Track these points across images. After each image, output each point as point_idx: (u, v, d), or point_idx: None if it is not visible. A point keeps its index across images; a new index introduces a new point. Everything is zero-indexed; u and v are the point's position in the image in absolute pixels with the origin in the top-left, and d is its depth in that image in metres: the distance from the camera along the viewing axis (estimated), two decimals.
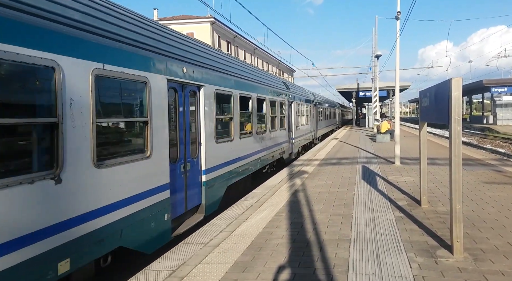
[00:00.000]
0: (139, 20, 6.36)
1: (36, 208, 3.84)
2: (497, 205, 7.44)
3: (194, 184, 7.59)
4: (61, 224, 4.12)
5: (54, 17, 4.26)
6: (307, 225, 6.43)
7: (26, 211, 3.74)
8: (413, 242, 5.44)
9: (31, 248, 3.78)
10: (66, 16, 4.47)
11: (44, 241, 3.92)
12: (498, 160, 14.37)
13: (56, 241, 4.05)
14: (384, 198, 8.24)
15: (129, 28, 5.78)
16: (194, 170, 7.56)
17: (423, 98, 6.98)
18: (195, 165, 7.65)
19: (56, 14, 4.32)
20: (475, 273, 4.39)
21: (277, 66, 75.74)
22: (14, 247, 3.62)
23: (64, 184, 4.19)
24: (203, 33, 45.55)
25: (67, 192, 4.23)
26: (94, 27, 4.87)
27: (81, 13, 4.78)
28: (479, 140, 35.08)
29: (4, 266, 3.52)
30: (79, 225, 4.39)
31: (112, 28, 5.27)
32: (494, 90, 56.97)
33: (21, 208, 3.70)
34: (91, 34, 4.76)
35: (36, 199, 3.84)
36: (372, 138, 26.10)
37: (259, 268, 4.68)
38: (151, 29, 6.58)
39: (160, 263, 4.95)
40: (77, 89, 4.41)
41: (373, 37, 34.03)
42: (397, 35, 15.22)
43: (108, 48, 5.00)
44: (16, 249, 3.64)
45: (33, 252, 3.80)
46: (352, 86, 48.29)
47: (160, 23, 7.54)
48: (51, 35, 4.12)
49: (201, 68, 7.94)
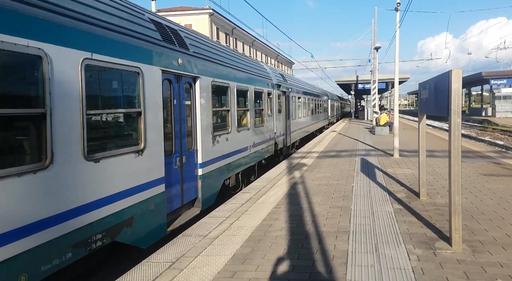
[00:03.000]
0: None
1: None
2: (496, 197, 7.46)
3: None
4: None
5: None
6: (306, 217, 6.44)
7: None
8: (411, 234, 5.46)
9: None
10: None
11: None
12: (496, 152, 14.39)
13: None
14: (383, 191, 8.25)
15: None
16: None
17: (423, 90, 6.96)
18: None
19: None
20: (473, 264, 4.41)
21: (276, 58, 75.45)
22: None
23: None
24: (202, 24, 45.25)
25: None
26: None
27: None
28: (478, 133, 35.11)
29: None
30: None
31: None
32: (493, 82, 56.83)
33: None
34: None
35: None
36: (371, 130, 26.10)
37: (258, 260, 4.69)
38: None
39: (159, 255, 4.95)
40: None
41: (373, 29, 33.85)
42: (397, 27, 15.14)
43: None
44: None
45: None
46: (351, 78, 48.11)
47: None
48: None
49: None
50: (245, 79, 10.93)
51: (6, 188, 3.59)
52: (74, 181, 4.39)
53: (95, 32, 4.82)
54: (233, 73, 9.96)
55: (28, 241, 3.79)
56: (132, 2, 6.50)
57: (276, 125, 14.80)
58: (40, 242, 3.92)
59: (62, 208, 4.20)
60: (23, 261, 3.71)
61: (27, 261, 3.77)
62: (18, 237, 3.68)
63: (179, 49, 7.15)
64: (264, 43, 63.11)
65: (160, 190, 6.18)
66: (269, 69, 15.87)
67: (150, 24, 6.46)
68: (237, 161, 10.09)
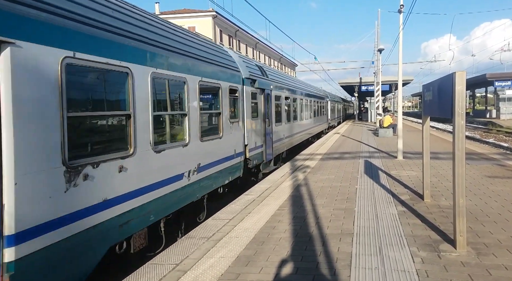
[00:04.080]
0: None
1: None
2: (500, 199, 7.43)
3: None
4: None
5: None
6: (310, 219, 6.43)
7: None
8: (416, 237, 5.44)
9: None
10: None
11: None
12: (501, 154, 14.32)
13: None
14: (386, 193, 8.23)
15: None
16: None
17: (426, 92, 6.95)
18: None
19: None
20: (478, 267, 4.39)
21: (279, 60, 75.53)
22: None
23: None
24: (205, 27, 45.42)
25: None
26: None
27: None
28: (482, 134, 34.97)
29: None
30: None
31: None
32: (497, 84, 56.63)
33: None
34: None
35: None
36: (375, 132, 26.04)
37: (262, 262, 4.69)
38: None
39: (163, 257, 4.97)
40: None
41: (376, 31, 33.86)
42: (400, 29, 15.13)
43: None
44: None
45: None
46: (354, 80, 48.10)
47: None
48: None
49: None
50: (179, 65, 6.98)
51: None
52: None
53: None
54: (146, 50, 6.00)
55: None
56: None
57: (248, 134, 10.76)
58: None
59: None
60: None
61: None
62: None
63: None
64: (267, 45, 63.23)
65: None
66: (239, 57, 11.57)
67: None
68: (152, 205, 5.93)
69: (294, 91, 18.75)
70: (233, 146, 9.58)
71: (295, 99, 19.02)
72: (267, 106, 13.06)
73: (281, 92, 15.62)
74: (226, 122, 9.17)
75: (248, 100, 10.98)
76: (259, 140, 11.87)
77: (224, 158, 8.99)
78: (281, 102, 15.48)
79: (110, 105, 5.48)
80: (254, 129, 11.40)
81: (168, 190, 6.40)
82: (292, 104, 18.16)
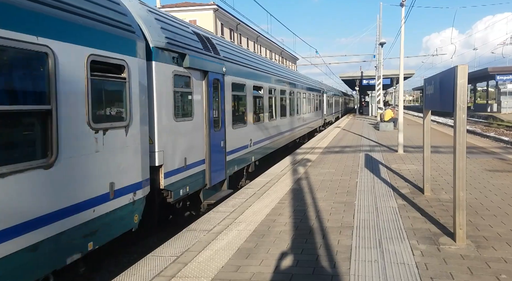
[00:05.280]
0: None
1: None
2: (500, 193, 7.44)
3: None
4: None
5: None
6: (310, 212, 6.46)
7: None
8: (415, 230, 5.46)
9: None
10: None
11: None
12: (501, 148, 14.32)
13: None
14: (387, 186, 8.25)
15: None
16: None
17: (428, 86, 6.93)
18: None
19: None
20: (477, 260, 4.41)
21: (280, 54, 75.24)
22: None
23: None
24: (206, 20, 45.20)
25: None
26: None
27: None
28: (483, 128, 34.93)
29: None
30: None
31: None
32: (499, 78, 56.44)
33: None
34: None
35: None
36: (375, 126, 26.03)
37: (262, 255, 4.72)
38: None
39: (164, 249, 4.99)
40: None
41: (378, 24, 33.66)
42: (402, 22, 15.07)
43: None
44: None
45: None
46: (355, 74, 47.97)
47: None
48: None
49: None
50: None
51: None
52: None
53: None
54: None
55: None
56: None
57: (166, 146, 6.77)
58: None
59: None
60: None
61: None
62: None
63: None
64: (268, 39, 62.94)
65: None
66: (148, 11, 6.89)
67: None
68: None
69: (270, 79, 14.37)
70: (103, 176, 5.07)
71: (273, 90, 14.60)
72: (215, 99, 8.87)
73: (247, 80, 11.37)
74: (75, 130, 4.62)
75: (163, 87, 6.75)
76: (195, 154, 7.87)
77: (60, 211, 4.35)
78: (245, 94, 11.23)
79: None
80: (181, 138, 7.30)
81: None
82: (268, 96, 13.88)
